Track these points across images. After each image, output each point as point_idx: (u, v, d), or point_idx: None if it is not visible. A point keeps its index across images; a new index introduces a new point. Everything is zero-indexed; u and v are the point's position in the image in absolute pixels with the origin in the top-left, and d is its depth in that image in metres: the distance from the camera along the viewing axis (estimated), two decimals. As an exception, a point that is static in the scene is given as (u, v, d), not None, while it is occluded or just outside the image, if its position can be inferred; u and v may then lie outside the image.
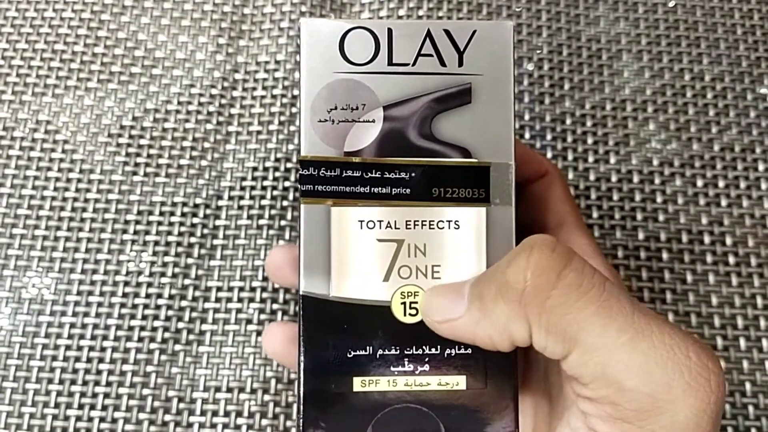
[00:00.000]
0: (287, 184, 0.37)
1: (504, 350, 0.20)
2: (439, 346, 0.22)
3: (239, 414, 0.34)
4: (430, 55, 0.22)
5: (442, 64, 0.22)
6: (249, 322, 0.35)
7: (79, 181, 0.37)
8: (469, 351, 0.22)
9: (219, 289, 0.36)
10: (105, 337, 0.35)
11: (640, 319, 0.18)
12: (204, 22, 0.41)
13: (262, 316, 0.35)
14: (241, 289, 0.36)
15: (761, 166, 0.38)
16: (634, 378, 0.18)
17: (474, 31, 0.22)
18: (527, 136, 0.39)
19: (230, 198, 0.37)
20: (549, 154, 0.39)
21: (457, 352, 0.22)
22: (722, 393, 0.18)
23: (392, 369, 0.22)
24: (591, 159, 0.39)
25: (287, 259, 0.27)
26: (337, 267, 0.22)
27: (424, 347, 0.22)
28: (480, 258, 0.22)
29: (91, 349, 0.35)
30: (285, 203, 0.37)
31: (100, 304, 0.35)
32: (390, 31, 0.22)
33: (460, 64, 0.22)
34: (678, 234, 0.37)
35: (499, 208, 0.22)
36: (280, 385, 0.34)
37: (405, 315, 0.22)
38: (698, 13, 0.42)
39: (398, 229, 0.22)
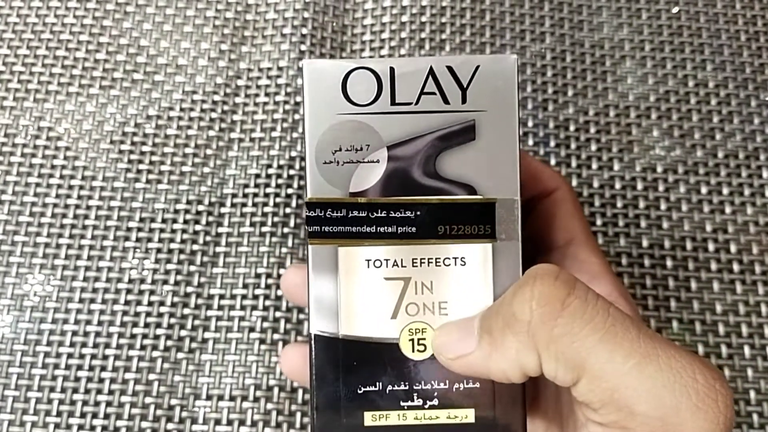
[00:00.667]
0: (290, 191, 0.37)
1: (517, 381, 0.21)
2: (447, 381, 0.22)
3: (242, 422, 0.34)
4: (433, 93, 0.22)
5: (446, 101, 0.22)
6: (252, 329, 0.35)
7: (81, 187, 0.37)
8: (477, 385, 0.22)
9: (221, 296, 0.36)
10: (107, 345, 0.35)
11: (646, 343, 0.19)
12: (206, 28, 0.41)
13: (265, 324, 0.35)
14: (244, 296, 0.35)
15: (765, 174, 0.38)
16: (643, 403, 0.18)
17: (477, 67, 0.22)
18: (530, 142, 0.39)
19: (233, 205, 0.37)
20: (552, 161, 0.38)
21: (465, 386, 0.22)
22: (731, 413, 0.18)
23: (402, 404, 0.22)
24: (594, 166, 0.38)
25: (304, 279, 0.27)
26: (345, 306, 0.22)
27: (432, 382, 0.23)
28: (487, 293, 0.22)
29: (93, 357, 0.34)
30: (288, 210, 0.37)
31: (102, 312, 0.35)
32: (392, 69, 0.22)
33: (464, 101, 0.22)
34: (682, 241, 0.37)
35: (505, 244, 0.22)
36: (282, 393, 0.34)
37: (413, 351, 0.22)
38: (702, 19, 0.42)
39: (405, 267, 0.22)
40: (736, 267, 0.37)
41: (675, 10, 0.42)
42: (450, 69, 0.22)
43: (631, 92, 0.40)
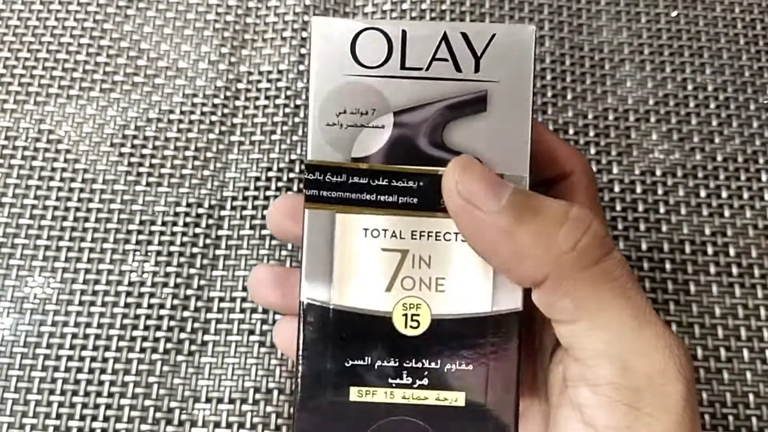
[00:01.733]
0: (290, 193, 0.37)
1: (506, 274, 0.21)
2: (439, 361, 0.22)
3: (241, 425, 0.34)
4: (446, 60, 0.21)
5: (458, 69, 0.21)
6: (251, 332, 0.35)
7: (81, 190, 0.37)
8: (470, 367, 0.22)
9: (221, 299, 0.36)
10: (107, 348, 0.35)
11: (648, 313, 0.20)
12: (207, 31, 0.41)
13: (265, 327, 0.35)
14: (244, 299, 0.36)
15: (764, 176, 0.38)
16: (636, 359, 0.20)
17: (493, 35, 0.22)
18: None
19: (233, 207, 0.37)
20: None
21: (458, 367, 0.22)
22: (693, 390, 0.20)
23: (390, 381, 0.22)
24: (594, 169, 0.38)
25: (288, 212, 0.26)
26: (339, 275, 0.21)
27: (423, 361, 0.22)
28: (486, 272, 0.22)
29: (93, 359, 0.34)
30: (287, 213, 0.37)
31: (102, 314, 0.35)
32: (404, 32, 0.21)
33: (477, 69, 0.21)
34: (681, 244, 0.37)
35: None
36: (282, 396, 0.34)
37: (406, 327, 0.22)
38: (701, 22, 0.42)
39: (403, 239, 0.22)
40: (735, 270, 0.37)
41: (674, 13, 0.42)
42: (464, 36, 0.21)
43: (630, 95, 0.40)
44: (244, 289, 0.36)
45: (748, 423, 0.34)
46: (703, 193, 0.38)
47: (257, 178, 0.38)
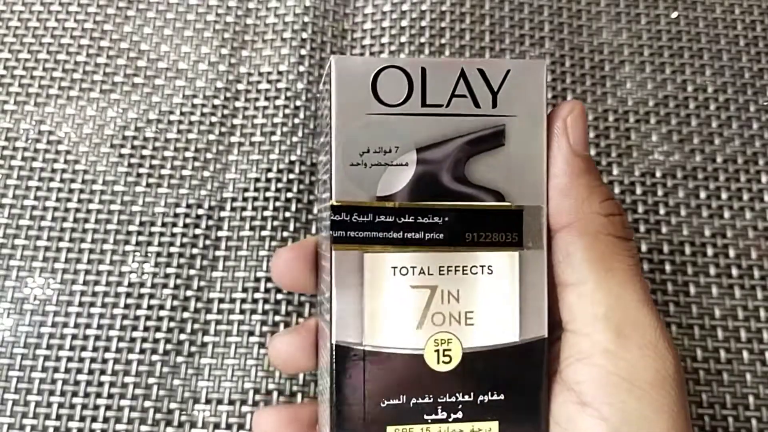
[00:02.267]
0: (289, 195, 0.37)
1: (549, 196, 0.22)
2: (472, 393, 0.22)
3: (241, 426, 0.34)
4: (464, 96, 0.22)
5: (476, 105, 0.22)
6: (251, 333, 0.35)
7: (81, 191, 0.37)
8: (502, 396, 0.22)
9: (221, 300, 0.36)
10: (107, 349, 0.35)
11: (648, 298, 0.22)
12: (206, 32, 0.41)
13: (264, 328, 0.35)
14: (243, 300, 0.36)
15: (764, 178, 0.38)
16: (631, 330, 0.21)
17: (508, 71, 0.22)
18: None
19: (232, 209, 0.37)
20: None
21: (490, 398, 0.22)
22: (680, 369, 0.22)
23: (425, 417, 0.22)
24: (594, 170, 0.38)
25: (298, 256, 0.27)
26: (369, 315, 0.21)
27: (457, 394, 0.22)
28: (513, 303, 0.22)
29: (93, 360, 0.34)
30: (287, 214, 0.37)
31: (101, 315, 0.35)
32: (423, 70, 0.22)
33: (494, 105, 0.22)
34: (681, 246, 0.37)
35: (532, 252, 0.22)
36: (282, 397, 0.34)
37: (438, 363, 0.22)
38: (701, 24, 0.42)
39: (431, 275, 0.22)
40: (735, 272, 0.37)
41: (674, 15, 0.42)
42: (482, 72, 0.22)
43: (630, 97, 0.40)
44: (244, 290, 0.36)
45: (747, 425, 0.34)
46: (702, 195, 0.38)
47: (257, 179, 0.38)
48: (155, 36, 0.41)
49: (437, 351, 0.22)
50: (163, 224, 0.37)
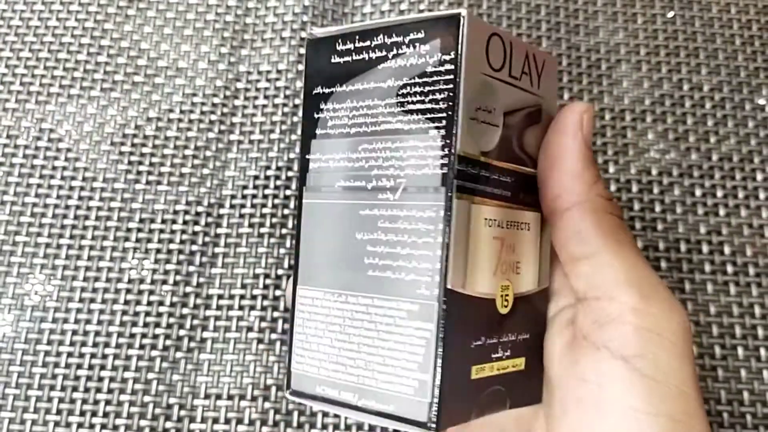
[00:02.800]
0: (288, 192, 0.38)
1: (556, 184, 0.24)
2: (516, 333, 0.24)
3: (240, 421, 0.34)
4: (527, 74, 0.24)
5: (532, 84, 0.24)
6: (250, 329, 0.35)
7: (81, 188, 0.38)
8: (528, 335, 0.24)
9: (220, 296, 0.36)
10: (107, 344, 0.35)
11: (648, 267, 0.24)
12: (206, 31, 0.41)
13: (263, 324, 0.35)
14: (242, 296, 0.36)
15: (759, 176, 0.39)
16: (649, 289, 0.22)
17: (544, 61, 0.25)
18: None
19: (231, 206, 0.38)
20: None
21: (523, 337, 0.24)
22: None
23: (492, 356, 0.23)
24: (590, 168, 0.39)
25: None
26: (471, 263, 0.23)
27: (509, 334, 0.24)
28: (536, 256, 0.25)
29: (93, 356, 0.35)
30: (286, 211, 0.37)
31: (102, 311, 0.36)
32: (511, 45, 0.23)
33: (538, 86, 0.25)
34: (676, 243, 0.37)
35: (540, 215, 0.25)
36: (280, 392, 0.34)
37: (501, 307, 0.23)
38: (697, 23, 0.42)
39: (501, 227, 0.23)
40: (729, 269, 0.37)
41: (670, 14, 0.42)
42: (534, 57, 0.24)
43: (627, 95, 0.40)
44: (243, 286, 0.36)
45: (742, 420, 0.35)
46: (698, 193, 0.38)
47: (256, 177, 0.38)
48: (155, 35, 0.41)
49: (502, 296, 0.24)
50: (163, 221, 0.37)
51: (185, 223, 0.37)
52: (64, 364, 0.35)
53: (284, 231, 0.37)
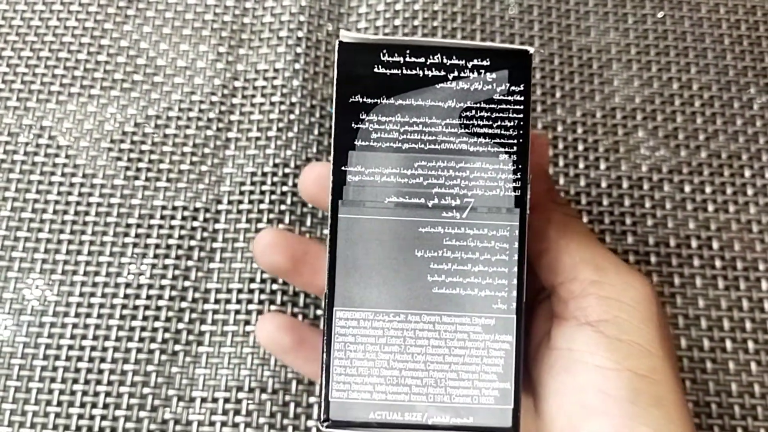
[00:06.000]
0: (285, 189, 0.38)
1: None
2: None
3: (237, 412, 0.35)
4: None
5: None
6: (247, 323, 0.36)
7: (81, 185, 0.38)
8: None
9: (218, 290, 0.37)
10: (106, 338, 0.36)
11: (602, 247, 0.26)
12: (205, 31, 0.42)
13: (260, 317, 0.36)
14: (240, 290, 0.37)
15: (747, 173, 0.40)
16: (608, 264, 0.25)
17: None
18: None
19: (229, 202, 0.38)
20: (540, 161, 0.40)
21: None
22: (655, 290, 0.25)
23: None
24: (581, 165, 0.40)
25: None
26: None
27: None
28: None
29: (93, 348, 0.35)
30: (283, 207, 0.38)
31: (101, 306, 0.36)
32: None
33: None
34: (666, 238, 0.38)
35: None
36: (277, 384, 0.35)
37: None
38: (686, 23, 0.43)
39: None
40: (718, 263, 0.38)
41: (660, 14, 0.43)
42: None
43: (617, 94, 0.41)
44: (241, 281, 0.37)
45: (730, 411, 0.35)
46: (687, 189, 0.39)
47: (253, 174, 0.39)
48: (154, 34, 0.42)
49: None
50: (162, 217, 0.38)
51: (184, 219, 0.38)
52: (64, 357, 0.35)
53: (281, 227, 0.38)
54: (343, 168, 0.23)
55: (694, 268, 0.38)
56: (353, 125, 0.23)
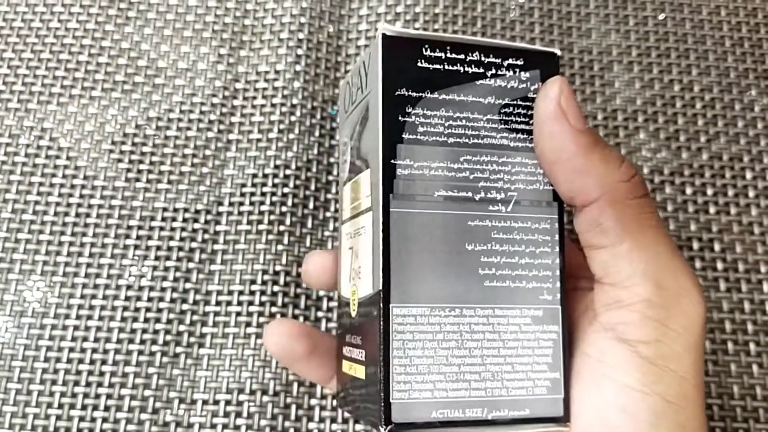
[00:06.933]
0: (286, 190, 0.38)
1: (564, 185, 0.23)
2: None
3: (238, 414, 0.34)
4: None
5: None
6: (248, 324, 0.36)
7: (82, 187, 0.38)
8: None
9: (219, 292, 0.37)
10: (107, 340, 0.36)
11: (674, 245, 0.24)
12: (205, 32, 0.42)
13: (261, 319, 0.36)
14: (241, 292, 0.36)
15: (749, 175, 0.40)
16: (669, 279, 0.23)
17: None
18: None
19: (230, 204, 0.38)
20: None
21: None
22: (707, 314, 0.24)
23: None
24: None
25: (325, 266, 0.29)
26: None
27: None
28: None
29: (94, 351, 0.35)
30: (284, 209, 0.38)
31: (102, 308, 0.36)
32: None
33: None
34: (667, 240, 0.38)
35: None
36: (278, 386, 0.35)
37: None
38: (687, 25, 0.43)
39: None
40: (719, 265, 0.38)
41: (661, 17, 0.43)
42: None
43: (618, 96, 0.41)
44: (242, 282, 0.37)
45: (732, 413, 0.35)
46: (689, 191, 0.39)
47: (254, 175, 0.39)
48: (155, 36, 0.42)
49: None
50: (163, 219, 0.38)
51: (185, 220, 0.38)
52: (65, 359, 0.35)
53: (282, 228, 0.38)
54: (392, 161, 0.23)
55: (696, 271, 0.38)
56: (400, 118, 0.23)
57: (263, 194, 0.38)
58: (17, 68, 0.41)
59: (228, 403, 0.35)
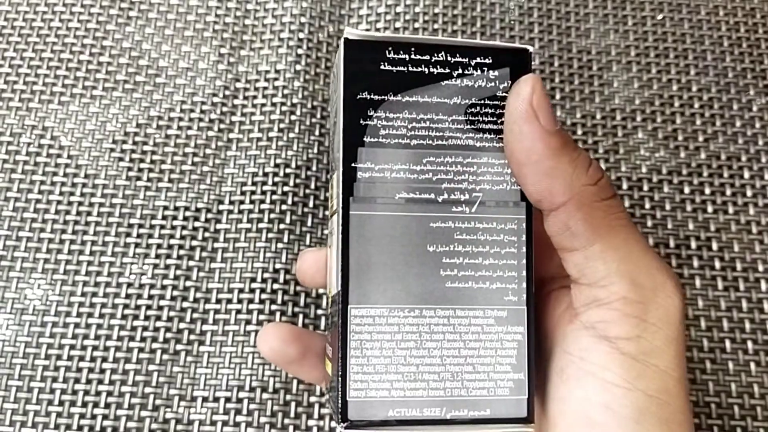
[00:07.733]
0: (286, 188, 0.38)
1: (532, 187, 0.23)
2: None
3: (238, 412, 0.35)
4: None
5: None
6: (248, 322, 0.36)
7: (83, 185, 0.39)
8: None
9: (219, 290, 0.37)
10: (108, 337, 0.36)
11: (646, 242, 0.24)
12: (206, 32, 0.42)
13: (261, 317, 0.36)
14: (241, 290, 0.37)
15: (746, 174, 0.40)
16: (643, 276, 0.23)
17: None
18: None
19: (231, 202, 0.38)
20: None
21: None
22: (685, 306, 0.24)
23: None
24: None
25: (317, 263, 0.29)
26: None
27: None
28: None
29: (95, 348, 0.36)
30: (284, 207, 0.38)
31: (103, 305, 0.36)
32: None
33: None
34: (665, 239, 0.38)
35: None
36: (278, 383, 0.35)
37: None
38: (686, 25, 0.43)
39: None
40: (717, 264, 0.38)
41: (660, 16, 0.43)
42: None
43: (617, 96, 0.41)
44: (242, 280, 0.37)
45: (730, 411, 0.35)
46: (687, 190, 0.39)
47: (255, 174, 0.39)
48: (156, 36, 0.42)
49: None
50: (164, 217, 0.38)
51: (185, 219, 0.38)
52: (66, 356, 0.35)
53: (282, 226, 0.38)
54: (353, 165, 0.23)
55: (694, 269, 0.38)
56: (361, 122, 0.23)
57: (263, 192, 0.38)
58: (19, 67, 0.41)
59: (228, 400, 0.35)
